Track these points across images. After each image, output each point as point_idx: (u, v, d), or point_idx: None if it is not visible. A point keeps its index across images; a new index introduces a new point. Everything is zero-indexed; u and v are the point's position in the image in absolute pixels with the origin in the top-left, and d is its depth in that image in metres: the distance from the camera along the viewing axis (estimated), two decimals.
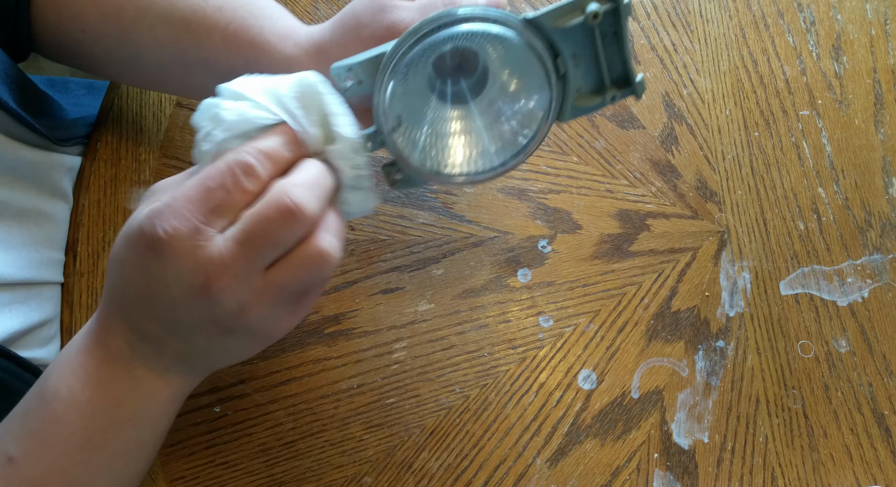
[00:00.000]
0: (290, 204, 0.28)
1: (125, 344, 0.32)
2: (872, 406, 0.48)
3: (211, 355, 0.33)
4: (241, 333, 0.31)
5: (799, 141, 0.53)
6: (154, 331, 0.31)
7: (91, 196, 0.48)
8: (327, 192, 0.30)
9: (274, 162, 0.30)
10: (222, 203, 0.28)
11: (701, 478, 0.47)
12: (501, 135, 0.35)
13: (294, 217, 0.28)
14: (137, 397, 0.33)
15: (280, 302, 0.30)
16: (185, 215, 0.28)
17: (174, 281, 0.29)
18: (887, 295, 0.50)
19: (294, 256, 0.29)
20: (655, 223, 0.51)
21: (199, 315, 0.30)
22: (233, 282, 0.28)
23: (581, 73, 0.33)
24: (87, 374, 0.32)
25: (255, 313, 0.30)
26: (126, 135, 0.50)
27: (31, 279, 0.43)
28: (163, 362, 0.32)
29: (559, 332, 0.48)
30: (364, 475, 0.45)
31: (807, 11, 0.55)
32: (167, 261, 0.28)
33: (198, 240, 0.28)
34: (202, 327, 0.30)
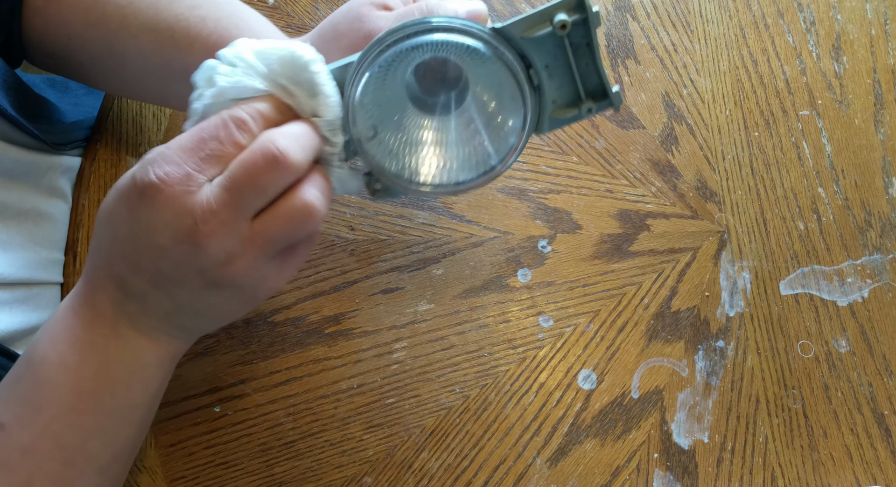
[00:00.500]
0: (274, 150, 0.29)
1: (111, 303, 0.32)
2: (872, 406, 0.48)
3: (197, 313, 0.33)
4: (226, 287, 0.31)
5: (799, 141, 0.53)
6: (139, 286, 0.31)
7: (91, 196, 0.48)
8: (312, 147, 0.31)
9: (266, 121, 0.31)
10: (214, 152, 0.29)
11: (701, 478, 0.47)
12: (480, 147, 0.35)
13: (278, 163, 0.29)
14: (125, 358, 0.32)
15: (266, 255, 0.31)
16: (177, 161, 0.29)
17: (161, 227, 0.29)
18: (887, 295, 0.50)
19: (279, 206, 0.30)
20: (655, 223, 0.51)
21: (184, 264, 0.30)
22: (219, 228, 0.29)
23: (556, 85, 0.33)
24: (75, 336, 0.32)
25: (240, 264, 0.30)
26: (126, 135, 0.50)
27: (30, 279, 0.43)
28: (149, 321, 0.32)
29: (559, 332, 0.48)
30: (364, 475, 0.45)
31: (807, 11, 0.55)
32: (156, 206, 0.29)
33: (188, 185, 0.29)
34: (187, 278, 0.30)
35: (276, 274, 0.32)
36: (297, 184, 0.30)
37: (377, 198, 0.37)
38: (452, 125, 0.35)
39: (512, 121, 0.33)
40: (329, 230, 0.49)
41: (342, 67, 0.33)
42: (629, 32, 0.54)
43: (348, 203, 0.49)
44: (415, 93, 0.35)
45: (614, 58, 0.54)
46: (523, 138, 0.33)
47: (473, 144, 0.35)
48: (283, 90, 0.31)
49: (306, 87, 0.31)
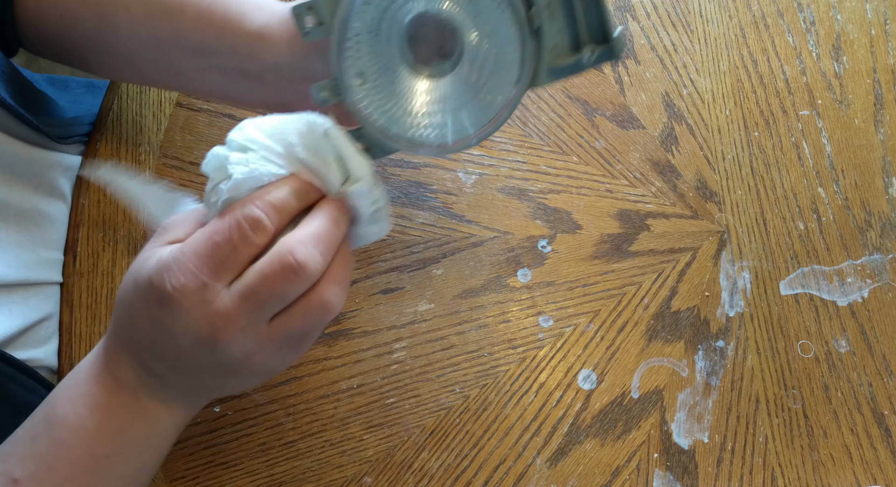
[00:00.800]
0: (293, 263, 0.29)
1: (133, 376, 0.33)
2: (872, 406, 0.48)
3: (215, 389, 0.35)
4: (245, 374, 0.33)
5: (799, 141, 0.53)
6: (161, 369, 0.33)
7: (91, 196, 0.48)
8: (334, 245, 0.31)
9: (282, 213, 0.30)
10: (229, 258, 0.29)
11: (701, 478, 0.47)
12: (474, 102, 0.33)
13: (297, 275, 0.29)
14: (144, 424, 0.34)
15: (283, 347, 0.32)
16: (192, 271, 0.29)
17: (181, 333, 0.30)
18: (887, 295, 0.50)
19: (298, 308, 0.31)
20: (655, 223, 0.51)
21: (205, 361, 0.31)
22: (238, 334, 0.30)
23: (556, 27, 0.31)
24: (95, 401, 0.33)
25: (259, 358, 0.31)
26: (126, 135, 0.50)
27: (28, 279, 0.43)
28: (169, 393, 0.34)
29: (559, 332, 0.48)
30: (364, 475, 0.45)
31: (807, 11, 0.55)
32: (175, 315, 0.29)
33: (204, 295, 0.29)
34: (208, 370, 0.32)
35: (292, 356, 0.34)
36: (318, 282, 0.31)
37: None
38: (447, 80, 0.33)
39: (507, 74, 0.32)
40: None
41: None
42: (629, 32, 0.54)
43: None
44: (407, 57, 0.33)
45: None
46: (520, 90, 0.32)
47: (466, 100, 0.33)
48: (303, 167, 0.31)
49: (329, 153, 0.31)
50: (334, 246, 0.31)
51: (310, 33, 0.32)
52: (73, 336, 0.46)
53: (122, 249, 0.48)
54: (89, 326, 0.46)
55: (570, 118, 0.52)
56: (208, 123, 0.50)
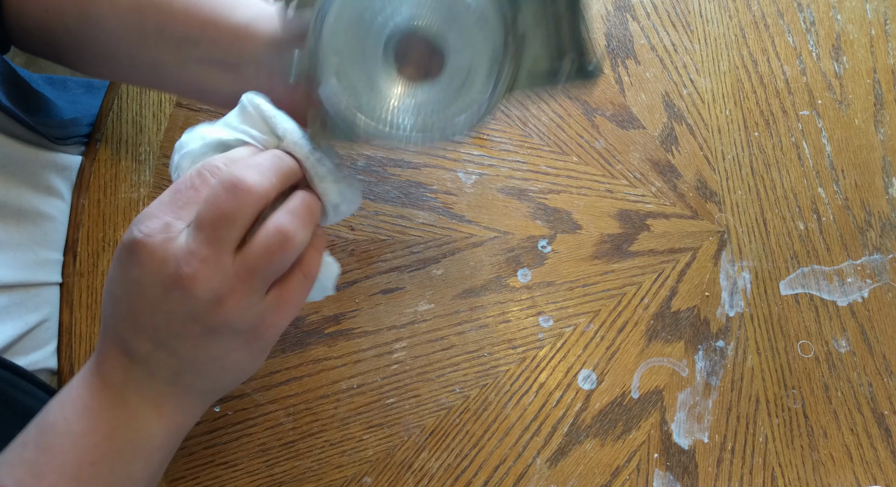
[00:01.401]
0: (231, 178, 0.30)
1: (119, 370, 0.32)
2: (872, 406, 0.48)
3: (201, 369, 0.33)
4: (223, 332, 0.31)
5: (799, 141, 0.53)
6: (142, 347, 0.32)
7: (91, 196, 0.48)
8: (275, 170, 0.32)
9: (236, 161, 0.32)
10: (190, 200, 0.30)
11: (701, 478, 0.47)
12: (452, 100, 0.33)
13: (238, 189, 0.29)
14: (129, 429, 0.33)
15: (255, 289, 0.31)
16: (156, 214, 0.30)
17: (149, 280, 0.30)
18: (887, 295, 0.50)
19: (254, 236, 0.31)
20: (655, 223, 0.51)
21: (177, 312, 0.30)
22: (201, 267, 0.29)
23: (540, 35, 0.31)
24: (83, 404, 0.32)
25: (231, 302, 0.30)
26: (126, 135, 0.50)
27: (27, 281, 0.43)
28: (156, 385, 0.33)
29: (559, 332, 0.48)
30: (364, 475, 0.45)
31: (807, 11, 0.55)
32: (142, 259, 0.30)
33: (167, 233, 0.30)
34: (185, 329, 0.31)
35: (274, 313, 0.32)
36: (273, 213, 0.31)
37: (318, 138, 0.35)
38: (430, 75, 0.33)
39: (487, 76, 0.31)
40: (329, 230, 0.49)
41: None
42: (629, 32, 0.54)
43: None
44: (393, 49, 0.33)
45: (614, 58, 0.54)
46: (497, 96, 0.31)
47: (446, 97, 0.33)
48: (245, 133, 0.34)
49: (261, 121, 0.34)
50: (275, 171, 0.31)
51: (289, 24, 0.33)
52: (73, 336, 0.46)
53: None
54: (89, 326, 0.46)
55: (570, 118, 0.52)
56: None
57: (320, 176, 0.34)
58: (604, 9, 0.54)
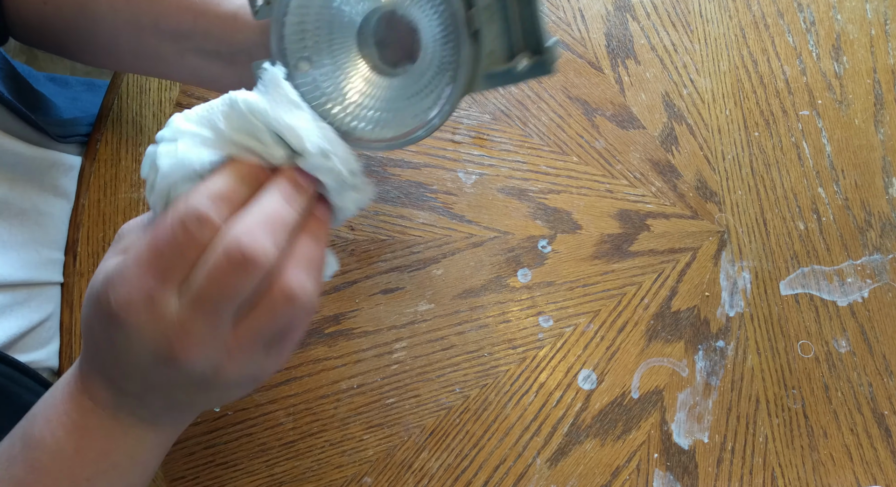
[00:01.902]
0: (240, 255, 0.25)
1: (109, 396, 0.31)
2: (872, 406, 0.48)
3: (198, 404, 0.32)
4: (220, 388, 0.29)
5: (799, 141, 0.53)
6: (133, 388, 0.30)
7: (91, 196, 0.48)
8: (288, 225, 0.28)
9: (230, 202, 0.27)
10: (175, 262, 0.26)
11: (701, 478, 0.47)
12: (411, 101, 0.32)
13: (246, 269, 0.25)
14: (126, 444, 0.31)
15: (256, 351, 0.29)
16: (135, 283, 0.26)
17: (139, 351, 0.27)
18: (887, 295, 0.50)
19: (261, 304, 0.27)
20: (655, 223, 0.51)
21: (173, 379, 0.28)
22: (198, 346, 0.26)
23: (494, 32, 0.29)
24: (73, 422, 0.30)
25: (231, 369, 0.28)
26: (126, 135, 0.50)
27: (29, 280, 0.43)
28: (150, 411, 0.31)
29: (559, 332, 0.48)
30: (364, 475, 0.45)
31: (807, 11, 0.55)
32: (127, 333, 0.27)
33: (153, 308, 0.26)
34: (180, 388, 0.29)
35: (274, 360, 0.30)
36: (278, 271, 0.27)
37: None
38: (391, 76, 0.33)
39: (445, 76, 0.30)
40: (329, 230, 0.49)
41: None
42: (629, 32, 0.54)
43: None
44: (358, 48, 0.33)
45: (614, 58, 0.54)
46: (456, 96, 0.30)
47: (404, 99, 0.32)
48: (241, 149, 0.28)
49: (261, 133, 0.28)
50: (289, 226, 0.27)
51: (259, 12, 0.32)
52: (73, 336, 0.46)
53: None
54: None
55: (570, 118, 0.52)
56: None
57: (341, 190, 0.31)
58: (604, 9, 0.54)
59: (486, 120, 0.52)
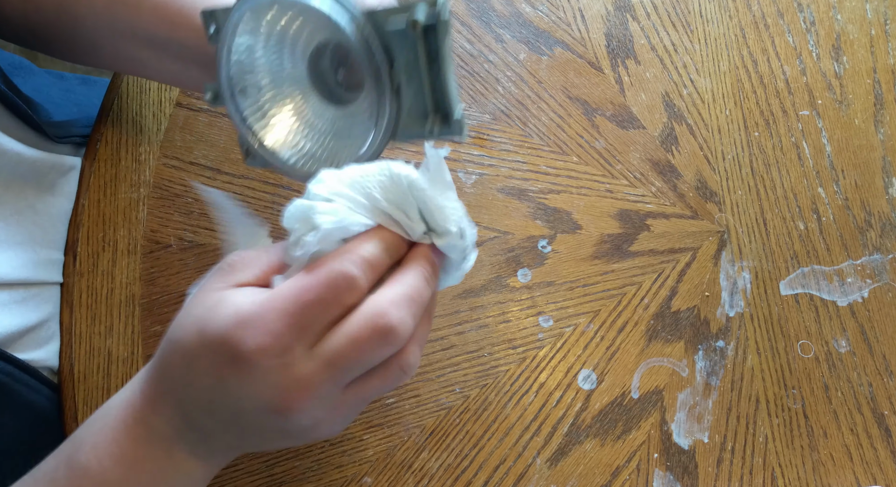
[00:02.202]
0: (385, 327, 0.26)
1: (170, 428, 0.29)
2: (872, 406, 0.48)
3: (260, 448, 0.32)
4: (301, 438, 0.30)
5: (799, 141, 0.53)
6: (208, 426, 0.29)
7: (91, 196, 0.48)
8: (423, 305, 0.29)
9: (375, 270, 0.28)
10: (317, 319, 0.26)
11: (701, 478, 0.47)
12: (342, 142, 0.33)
13: (388, 341, 0.26)
14: (174, 479, 0.30)
15: (350, 413, 0.30)
16: (277, 331, 0.26)
17: (249, 397, 0.27)
18: (887, 295, 0.50)
19: (378, 372, 0.28)
20: (655, 223, 0.51)
21: (266, 427, 0.28)
22: (314, 404, 0.27)
23: (412, 91, 0.30)
24: (122, 452, 0.29)
25: (324, 426, 0.29)
26: (126, 135, 0.50)
27: (28, 279, 0.43)
28: (208, 448, 0.30)
29: (559, 332, 0.48)
30: (364, 475, 0.45)
31: (807, 11, 0.55)
32: (248, 378, 0.26)
33: (286, 359, 0.26)
34: (265, 434, 0.29)
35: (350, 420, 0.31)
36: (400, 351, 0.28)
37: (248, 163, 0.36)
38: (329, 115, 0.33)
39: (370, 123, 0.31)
40: None
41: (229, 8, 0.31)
42: (629, 32, 0.54)
43: None
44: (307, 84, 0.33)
45: (614, 58, 0.54)
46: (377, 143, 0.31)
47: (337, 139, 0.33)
48: (389, 219, 0.29)
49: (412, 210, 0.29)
50: (424, 306, 0.29)
51: (212, 38, 0.33)
52: (73, 336, 0.46)
53: (122, 249, 0.48)
54: (89, 326, 0.46)
55: (570, 118, 0.52)
56: (208, 123, 0.50)
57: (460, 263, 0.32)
58: (604, 9, 0.54)
59: (486, 120, 0.52)
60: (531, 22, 0.54)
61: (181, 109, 0.51)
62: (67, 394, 0.45)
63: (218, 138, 0.50)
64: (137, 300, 0.47)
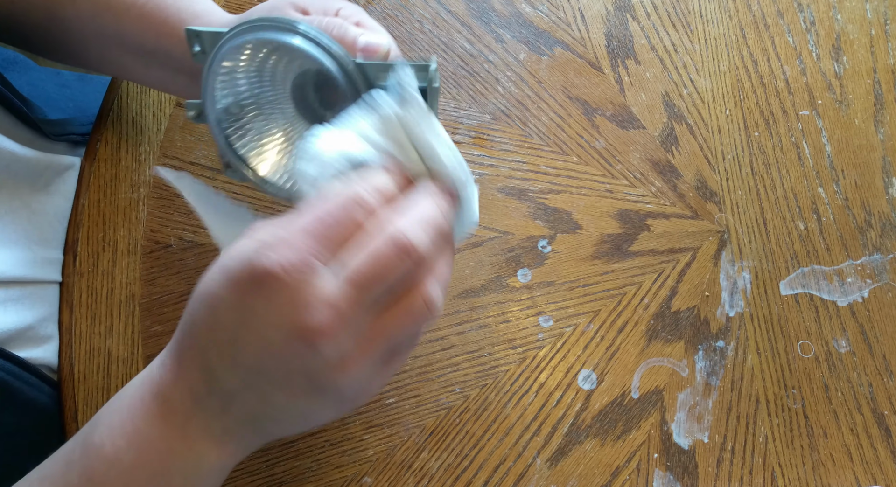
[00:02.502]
0: (406, 243, 0.26)
1: (189, 397, 0.28)
2: (872, 406, 0.48)
3: (282, 419, 0.30)
4: (329, 393, 0.28)
5: (799, 141, 0.53)
6: (230, 383, 0.28)
7: (91, 196, 0.48)
8: (439, 234, 0.28)
9: (385, 197, 0.28)
10: (336, 236, 0.27)
11: (701, 478, 0.47)
12: None
13: (409, 255, 0.26)
14: (185, 463, 0.29)
15: (380, 357, 0.28)
16: (298, 246, 0.26)
17: (274, 320, 0.26)
18: (887, 295, 0.50)
19: (400, 304, 0.27)
20: (655, 223, 0.51)
21: (292, 364, 0.27)
22: (340, 328, 0.26)
23: None
24: (136, 430, 0.29)
25: (353, 367, 0.27)
26: (126, 135, 0.50)
27: (25, 277, 0.43)
28: (225, 424, 0.29)
29: (559, 332, 0.48)
30: (364, 475, 0.45)
31: (807, 11, 0.55)
32: (273, 295, 0.26)
33: (309, 273, 0.26)
34: (289, 380, 0.27)
35: (379, 380, 0.30)
36: (422, 278, 0.28)
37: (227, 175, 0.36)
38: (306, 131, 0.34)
39: None
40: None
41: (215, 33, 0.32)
42: (629, 32, 0.54)
43: None
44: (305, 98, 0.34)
45: (614, 58, 0.54)
46: None
47: None
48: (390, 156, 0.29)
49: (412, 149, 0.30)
50: (441, 235, 0.28)
51: (196, 56, 0.33)
52: (73, 336, 0.46)
53: (122, 249, 0.48)
54: (89, 326, 0.46)
55: (570, 118, 0.52)
56: None
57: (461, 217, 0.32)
58: (604, 9, 0.54)
59: (486, 120, 0.52)
60: (531, 22, 0.54)
61: (181, 109, 0.51)
62: (67, 394, 0.45)
63: None
64: (137, 300, 0.47)
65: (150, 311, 0.47)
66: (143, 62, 0.41)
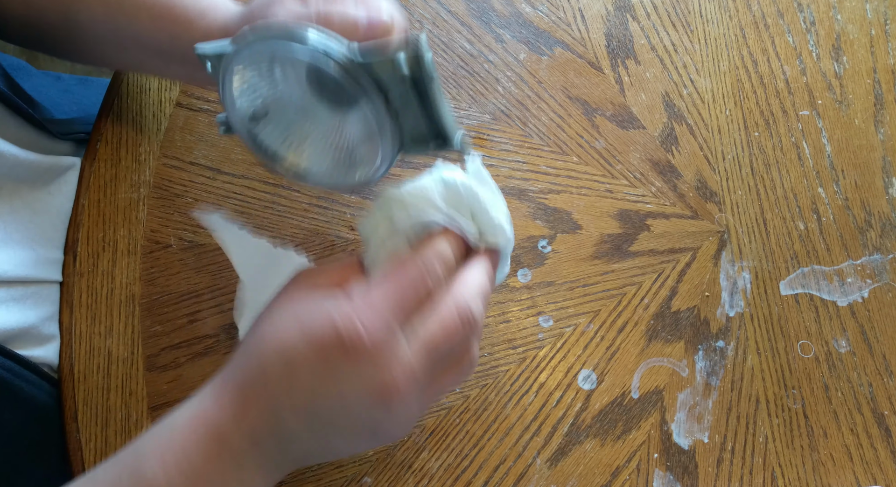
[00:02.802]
0: (471, 316, 0.29)
1: (247, 439, 0.29)
2: (872, 406, 0.48)
3: (331, 455, 0.33)
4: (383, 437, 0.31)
5: (799, 141, 0.53)
6: (293, 427, 0.29)
7: (91, 196, 0.48)
8: (487, 297, 0.31)
9: (449, 268, 0.31)
10: (412, 304, 0.29)
11: (701, 478, 0.47)
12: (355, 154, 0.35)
13: (472, 327, 0.29)
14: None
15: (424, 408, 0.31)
16: (382, 314, 0.28)
17: (356, 386, 0.28)
18: (887, 295, 0.50)
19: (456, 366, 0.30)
20: (655, 223, 0.51)
21: (363, 418, 0.29)
22: (413, 393, 0.28)
23: (410, 116, 0.32)
24: (190, 465, 0.29)
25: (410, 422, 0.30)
26: (126, 135, 0.50)
27: (27, 277, 0.43)
28: (279, 460, 0.30)
29: (559, 332, 0.48)
30: (364, 475, 0.45)
31: (807, 11, 0.55)
32: (359, 362, 0.27)
33: (391, 341, 0.27)
34: (355, 431, 0.29)
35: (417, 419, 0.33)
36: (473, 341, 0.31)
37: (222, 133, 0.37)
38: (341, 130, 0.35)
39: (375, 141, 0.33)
40: (329, 230, 0.49)
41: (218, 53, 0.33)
42: (629, 32, 0.54)
43: (348, 203, 0.49)
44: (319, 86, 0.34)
45: (614, 58, 0.54)
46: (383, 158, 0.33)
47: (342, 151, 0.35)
48: (451, 221, 0.32)
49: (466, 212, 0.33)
50: (487, 300, 0.31)
51: (211, 73, 0.34)
52: (73, 336, 0.46)
53: (122, 249, 0.48)
54: (89, 326, 0.46)
55: (570, 118, 0.52)
56: (208, 123, 0.50)
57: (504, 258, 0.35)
58: (604, 9, 0.54)
59: (486, 120, 0.52)
60: (531, 22, 0.54)
61: (181, 109, 0.51)
62: (67, 394, 0.45)
63: (218, 138, 0.50)
64: (137, 300, 0.47)
65: (150, 311, 0.47)
66: (162, 60, 0.41)
